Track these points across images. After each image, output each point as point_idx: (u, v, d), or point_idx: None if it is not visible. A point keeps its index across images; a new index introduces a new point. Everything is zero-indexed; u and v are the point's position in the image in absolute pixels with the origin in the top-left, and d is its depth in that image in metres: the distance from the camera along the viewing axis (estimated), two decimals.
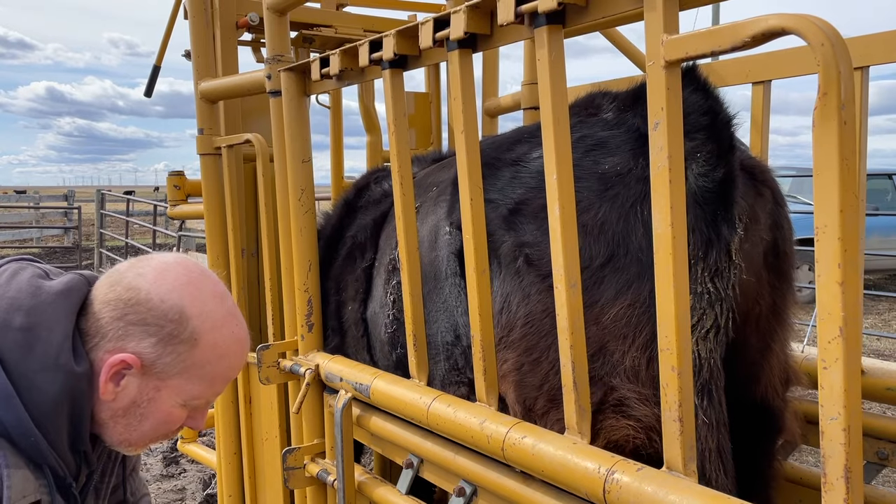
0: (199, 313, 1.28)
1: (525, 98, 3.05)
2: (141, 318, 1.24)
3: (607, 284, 1.53)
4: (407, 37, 1.75)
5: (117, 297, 1.25)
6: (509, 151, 1.80)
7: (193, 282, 1.30)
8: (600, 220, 1.56)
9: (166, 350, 1.25)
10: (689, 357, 1.22)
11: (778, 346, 1.73)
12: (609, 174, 1.58)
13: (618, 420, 1.52)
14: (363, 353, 2.27)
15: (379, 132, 3.49)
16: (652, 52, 1.18)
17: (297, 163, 2.29)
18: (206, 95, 2.74)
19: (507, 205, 1.71)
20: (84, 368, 1.22)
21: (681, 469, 1.23)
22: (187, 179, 3.16)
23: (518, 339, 1.65)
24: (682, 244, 1.20)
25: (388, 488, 2.05)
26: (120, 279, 1.28)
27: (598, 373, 1.52)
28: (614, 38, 2.87)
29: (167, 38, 3.09)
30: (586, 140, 1.63)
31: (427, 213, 2.00)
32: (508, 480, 1.61)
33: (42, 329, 1.20)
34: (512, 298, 1.66)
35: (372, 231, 2.29)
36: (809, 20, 0.98)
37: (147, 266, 1.30)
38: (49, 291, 1.25)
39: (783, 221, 1.69)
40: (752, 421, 1.72)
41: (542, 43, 1.37)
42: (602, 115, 1.70)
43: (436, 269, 1.92)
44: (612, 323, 1.53)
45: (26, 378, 1.18)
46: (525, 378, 1.65)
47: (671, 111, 1.17)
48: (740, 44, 1.06)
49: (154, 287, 1.26)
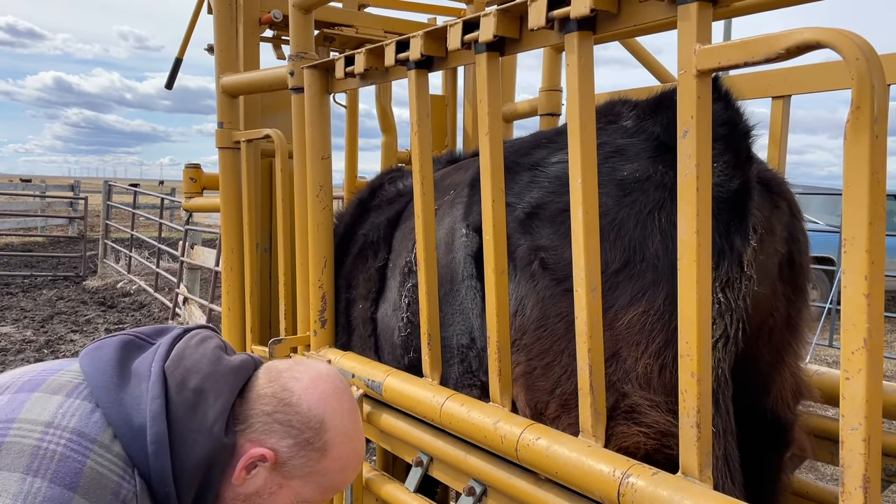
0: (336, 427, 1.37)
1: (542, 104, 3.07)
2: (287, 420, 1.33)
3: (622, 290, 1.54)
4: (434, 38, 1.77)
5: (273, 394, 1.34)
6: (528, 156, 1.82)
7: (338, 396, 1.40)
8: (617, 225, 1.56)
9: (299, 453, 1.34)
10: (709, 364, 1.23)
11: (791, 359, 1.74)
12: (627, 180, 1.58)
13: (629, 427, 1.53)
14: (369, 353, 2.27)
15: (395, 133, 3.51)
16: (684, 61, 1.19)
17: (316, 159, 2.31)
18: (228, 90, 2.76)
19: (524, 208, 1.72)
20: (231, 441, 1.30)
21: (696, 475, 1.24)
22: (203, 172, 3.18)
23: (531, 342, 1.65)
24: (706, 251, 1.21)
25: (396, 486, 2.06)
26: (278, 377, 1.37)
27: (611, 379, 1.53)
28: (633, 49, 2.89)
29: (190, 31, 3.11)
30: (605, 147, 1.63)
31: (444, 216, 2.01)
32: (519, 481, 1.62)
33: (210, 395, 1.29)
34: (526, 301, 1.67)
35: (385, 230, 2.29)
36: (845, 34, 1.00)
37: (303, 372, 1.39)
38: (227, 364, 1.35)
39: (799, 234, 1.70)
40: (761, 433, 1.72)
41: (573, 49, 1.39)
42: (622, 123, 1.71)
43: (452, 271, 1.92)
44: (626, 329, 1.53)
45: (182, 435, 1.26)
46: (536, 382, 1.66)
47: (700, 120, 1.19)
48: (774, 56, 1.07)
49: (305, 394, 1.35)
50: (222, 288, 2.95)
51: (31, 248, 17.83)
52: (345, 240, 2.54)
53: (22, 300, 11.86)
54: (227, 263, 2.89)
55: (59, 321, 10.27)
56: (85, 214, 16.17)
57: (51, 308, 11.24)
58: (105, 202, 15.20)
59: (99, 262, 14.83)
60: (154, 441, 1.22)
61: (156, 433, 1.23)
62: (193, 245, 9.99)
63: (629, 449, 1.54)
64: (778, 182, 1.72)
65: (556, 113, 3.03)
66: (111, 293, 12.53)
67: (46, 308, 11.24)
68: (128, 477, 1.21)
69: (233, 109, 2.82)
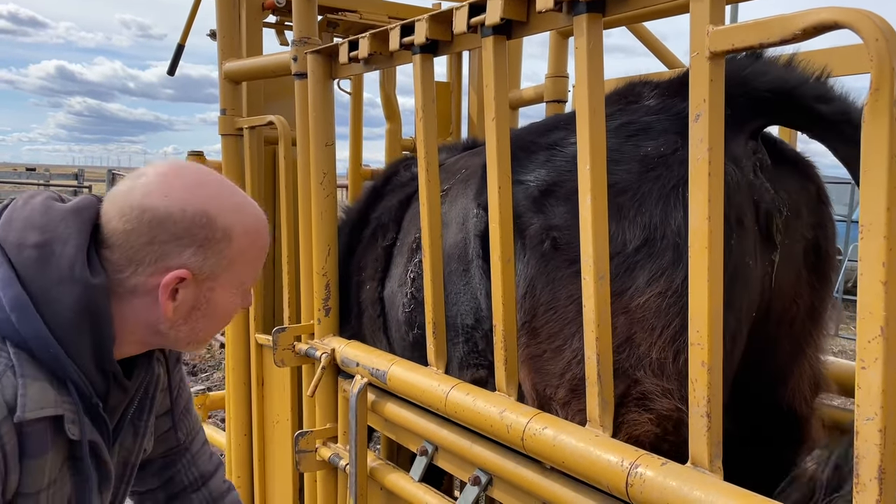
0: (221, 209, 1.29)
1: (548, 91, 3.03)
2: (173, 235, 1.24)
3: (639, 271, 1.49)
4: (439, 22, 1.74)
5: (137, 223, 1.24)
6: (545, 136, 1.78)
7: (201, 182, 1.31)
8: (638, 201, 1.51)
9: (208, 253, 1.27)
10: (720, 353, 1.21)
11: (811, 350, 1.69)
12: (651, 156, 1.53)
13: (640, 415, 1.50)
14: (379, 335, 2.25)
15: (399, 120, 3.48)
16: (696, 43, 1.16)
17: (320, 146, 2.29)
18: (231, 76, 2.73)
19: (539, 186, 1.67)
20: (100, 280, 1.23)
21: (706, 465, 1.22)
22: (206, 160, 3.16)
23: (541, 325, 1.62)
24: (718, 238, 1.18)
25: (400, 475, 2.05)
26: (128, 205, 1.26)
27: (623, 365, 1.50)
28: (640, 34, 2.85)
29: (192, 17, 3.08)
30: (629, 126, 1.60)
31: (457, 196, 1.99)
32: (525, 470, 1.61)
33: (56, 244, 1.22)
34: (536, 283, 1.63)
35: (396, 212, 2.27)
36: (864, 14, 0.97)
37: (147, 183, 1.28)
38: (60, 209, 1.27)
39: (827, 221, 1.64)
40: (777, 425, 1.69)
41: (581, 31, 1.35)
42: (644, 102, 1.67)
43: (461, 250, 1.90)
44: (641, 312, 1.49)
45: (44, 291, 1.19)
46: (546, 365, 1.63)
47: (713, 103, 1.16)
48: (790, 37, 1.04)
49: (167, 200, 1.25)
50: None
51: None
52: (358, 228, 2.52)
53: None
54: None
55: None
56: None
57: None
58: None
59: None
60: (13, 307, 1.17)
61: (11, 298, 1.17)
62: None
63: (639, 437, 1.52)
64: (806, 164, 1.68)
65: (563, 100, 3.00)
66: None
67: None
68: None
69: (236, 96, 2.79)
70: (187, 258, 1.25)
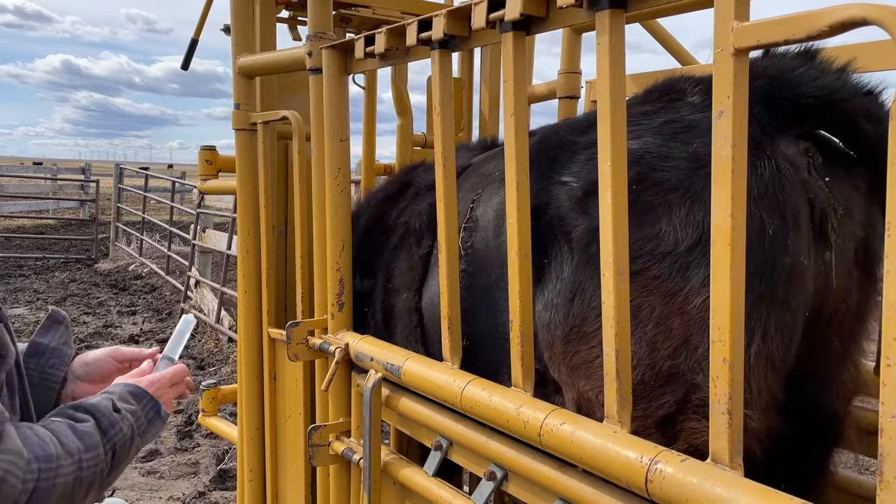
0: None
1: (561, 87, 3.03)
2: None
3: (694, 271, 1.45)
4: (458, 17, 1.74)
5: None
6: (585, 134, 1.75)
7: None
8: (689, 199, 1.47)
9: None
10: (741, 350, 1.21)
11: (855, 351, 1.66)
12: (700, 154, 1.49)
13: (700, 422, 1.46)
14: (415, 345, 2.19)
15: (410, 116, 3.48)
16: (721, 39, 1.16)
17: (334, 142, 2.29)
18: (245, 71, 2.74)
19: (582, 186, 1.64)
20: None
21: (727, 462, 1.22)
22: (219, 155, 3.16)
23: (592, 330, 1.57)
24: (740, 235, 1.18)
25: (414, 469, 2.05)
26: None
27: (680, 369, 1.46)
28: (655, 31, 2.84)
29: (206, 11, 3.08)
30: (674, 124, 1.57)
31: (491, 197, 1.95)
32: (541, 466, 1.61)
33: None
34: (586, 287, 1.59)
35: (429, 216, 2.19)
36: (893, 11, 0.96)
37: None
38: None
39: (876, 220, 1.60)
40: (812, 426, 1.65)
41: (604, 27, 1.35)
42: (687, 99, 1.63)
43: (502, 254, 1.82)
44: (698, 314, 1.44)
45: None
46: (598, 371, 1.58)
47: (737, 100, 1.15)
48: (816, 33, 1.04)
49: None
50: (238, 271, 2.94)
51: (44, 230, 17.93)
52: (373, 231, 2.49)
53: (35, 282, 11.93)
54: (243, 246, 2.88)
55: (71, 303, 10.33)
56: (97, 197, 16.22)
57: (63, 290, 11.30)
58: (116, 185, 15.24)
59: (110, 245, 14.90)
60: None
61: None
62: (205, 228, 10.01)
63: (699, 447, 1.47)
64: (856, 162, 1.63)
65: (576, 96, 2.99)
66: (123, 276, 12.59)
67: (59, 290, 11.31)
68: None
69: (249, 91, 2.79)
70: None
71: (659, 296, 1.49)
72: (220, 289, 8.29)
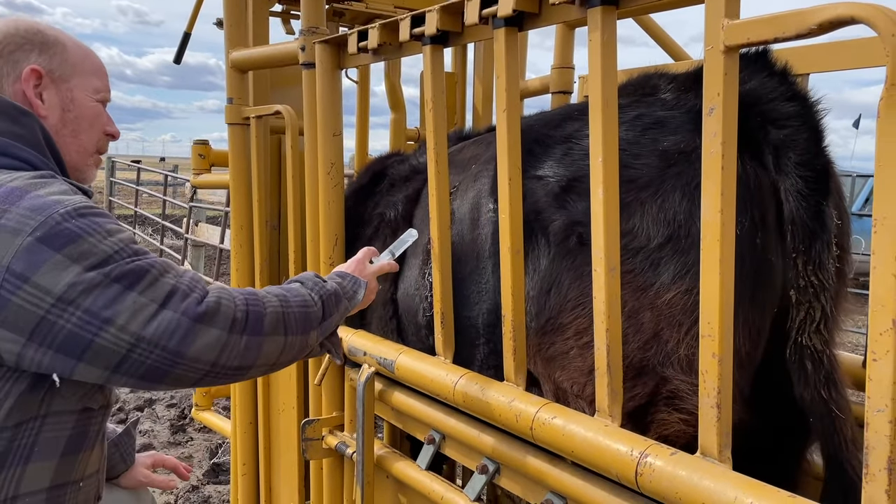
0: (46, 26, 1.52)
1: (554, 82, 3.03)
2: (13, 46, 1.46)
3: (664, 267, 1.48)
4: (451, 13, 1.74)
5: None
6: (560, 128, 1.77)
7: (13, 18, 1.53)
8: (660, 197, 1.50)
9: (50, 55, 1.49)
10: (730, 344, 1.22)
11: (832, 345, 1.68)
12: (671, 151, 1.52)
13: (670, 414, 1.48)
14: (391, 336, 2.22)
15: (403, 110, 3.48)
16: (711, 37, 1.17)
17: (327, 136, 2.29)
18: (237, 65, 2.73)
19: (559, 182, 1.67)
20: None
21: (716, 455, 1.24)
22: (212, 149, 3.16)
23: (568, 321, 1.60)
24: (730, 232, 1.20)
25: (407, 463, 2.07)
26: None
27: (651, 362, 1.48)
28: (647, 26, 2.85)
29: (199, 5, 3.07)
30: (644, 119, 1.59)
31: (467, 190, 1.97)
32: (533, 459, 1.62)
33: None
34: (563, 279, 1.62)
35: (405, 207, 2.22)
36: (880, 10, 0.97)
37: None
38: None
39: (843, 216, 1.60)
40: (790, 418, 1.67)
41: (595, 24, 1.36)
42: (660, 96, 1.66)
43: (478, 248, 1.87)
44: (668, 308, 1.48)
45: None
46: (573, 362, 1.62)
47: (727, 97, 1.16)
48: (806, 31, 1.05)
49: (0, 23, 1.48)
50: (231, 265, 2.94)
51: None
52: (346, 224, 2.48)
53: None
54: (236, 241, 2.88)
55: None
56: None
57: None
58: (108, 178, 15.15)
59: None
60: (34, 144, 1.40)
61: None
62: (198, 222, 9.98)
63: (669, 437, 1.50)
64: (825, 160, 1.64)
65: (569, 91, 3.00)
66: None
67: None
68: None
69: (242, 85, 2.79)
70: (34, 60, 1.47)
71: (631, 290, 1.51)
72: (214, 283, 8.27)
